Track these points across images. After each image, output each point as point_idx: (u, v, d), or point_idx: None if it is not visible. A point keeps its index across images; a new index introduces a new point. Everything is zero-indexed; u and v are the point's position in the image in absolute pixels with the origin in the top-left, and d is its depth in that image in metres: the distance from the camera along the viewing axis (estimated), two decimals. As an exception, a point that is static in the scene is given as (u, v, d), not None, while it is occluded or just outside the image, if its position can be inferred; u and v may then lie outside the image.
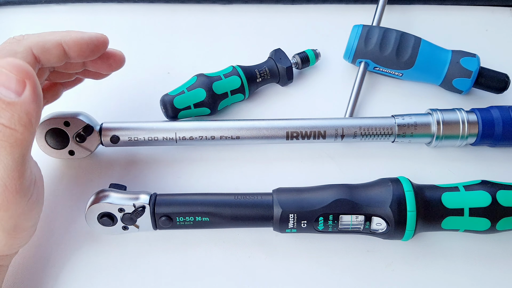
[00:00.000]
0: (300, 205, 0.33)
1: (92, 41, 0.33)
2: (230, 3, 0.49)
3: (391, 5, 0.48)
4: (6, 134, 0.25)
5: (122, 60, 0.36)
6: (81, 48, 0.32)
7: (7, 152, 0.26)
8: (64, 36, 0.32)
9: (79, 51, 0.32)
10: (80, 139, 0.37)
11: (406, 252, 0.35)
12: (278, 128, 0.38)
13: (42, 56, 0.31)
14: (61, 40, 0.31)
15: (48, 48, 0.31)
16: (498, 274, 0.35)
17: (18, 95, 0.25)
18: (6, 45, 0.30)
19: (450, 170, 0.39)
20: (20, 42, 0.30)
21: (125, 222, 0.33)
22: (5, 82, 0.25)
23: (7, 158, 0.26)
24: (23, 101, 0.25)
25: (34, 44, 0.30)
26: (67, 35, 0.32)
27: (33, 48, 0.30)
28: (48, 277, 0.34)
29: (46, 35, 0.31)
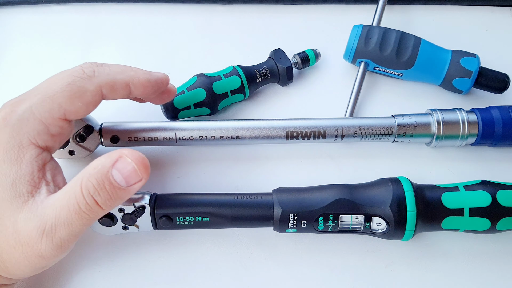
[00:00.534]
0: (300, 205, 0.33)
1: (157, 83, 0.34)
2: (230, 3, 0.49)
3: (391, 5, 0.48)
4: (93, 209, 0.27)
5: (173, 93, 0.37)
6: (146, 89, 0.33)
7: (82, 222, 0.27)
8: (133, 77, 0.32)
9: (144, 91, 0.33)
10: (80, 139, 0.37)
11: (406, 252, 0.35)
12: (278, 128, 0.38)
13: (109, 94, 0.32)
14: (129, 82, 0.32)
15: (116, 88, 0.32)
16: (498, 274, 0.35)
17: (127, 185, 0.28)
18: (77, 80, 0.30)
19: (450, 170, 0.39)
20: (91, 80, 0.31)
21: (125, 222, 0.33)
22: (128, 173, 0.27)
23: (77, 227, 0.27)
24: (127, 191, 0.28)
25: (104, 84, 0.31)
26: (135, 77, 0.33)
27: (103, 88, 0.31)
28: (48, 277, 0.34)
29: (117, 75, 0.32)
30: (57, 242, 0.27)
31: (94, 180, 0.27)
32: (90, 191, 0.27)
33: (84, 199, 0.27)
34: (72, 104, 0.30)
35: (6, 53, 0.46)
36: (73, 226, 0.27)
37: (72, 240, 0.28)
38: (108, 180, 0.27)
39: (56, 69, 0.45)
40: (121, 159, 0.27)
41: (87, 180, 0.27)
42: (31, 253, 0.27)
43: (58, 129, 0.30)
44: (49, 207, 0.27)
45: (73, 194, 0.27)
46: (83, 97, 0.30)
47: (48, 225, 0.27)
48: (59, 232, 0.27)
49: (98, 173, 0.27)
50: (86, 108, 0.31)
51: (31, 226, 0.27)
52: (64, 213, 0.27)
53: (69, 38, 0.47)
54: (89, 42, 0.47)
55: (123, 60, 0.46)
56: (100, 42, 0.47)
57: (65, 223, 0.27)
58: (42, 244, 0.27)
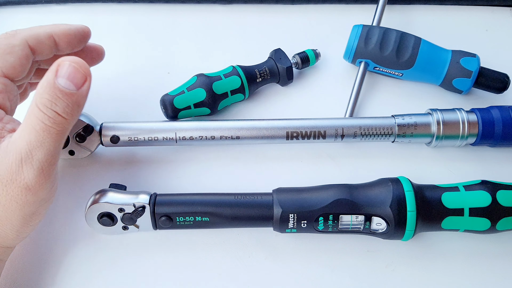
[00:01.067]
0: (300, 205, 0.33)
1: (78, 32, 0.35)
2: (230, 3, 0.49)
3: (391, 5, 0.48)
4: (57, 121, 0.28)
5: (103, 53, 0.39)
6: (69, 38, 0.35)
7: (53, 138, 0.28)
8: (54, 28, 0.34)
9: (68, 41, 0.35)
10: (80, 139, 0.37)
11: (406, 252, 0.35)
12: (278, 128, 0.38)
13: (37, 47, 0.33)
14: (51, 32, 0.34)
15: (41, 39, 0.33)
16: (498, 274, 0.35)
17: (77, 88, 0.28)
18: (2, 40, 0.32)
19: (450, 170, 0.39)
20: (15, 36, 0.32)
21: (125, 222, 0.33)
22: (71, 74, 0.28)
23: (50, 144, 0.28)
24: (79, 94, 0.28)
25: (29, 37, 0.33)
26: (56, 27, 0.34)
27: (28, 40, 0.33)
28: (47, 276, 0.34)
29: (37, 29, 0.34)
30: (37, 166, 0.28)
31: (45, 94, 0.27)
32: (47, 105, 0.27)
33: (46, 115, 0.27)
34: (5, 60, 0.31)
35: (6, 53, 0.46)
36: (46, 144, 0.28)
37: (51, 161, 0.28)
38: (57, 89, 0.27)
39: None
40: (60, 65, 0.28)
41: (39, 98, 0.27)
42: (17, 188, 0.28)
43: (1, 86, 0.31)
44: (17, 140, 0.28)
45: (34, 116, 0.27)
46: (12, 52, 0.32)
47: (23, 153, 0.27)
48: (36, 155, 0.27)
49: (46, 87, 0.27)
50: (20, 62, 0.32)
51: (8, 161, 0.27)
52: (33, 136, 0.27)
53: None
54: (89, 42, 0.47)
55: (123, 60, 0.46)
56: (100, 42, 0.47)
57: (37, 144, 0.27)
58: (24, 173, 0.27)
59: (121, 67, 0.43)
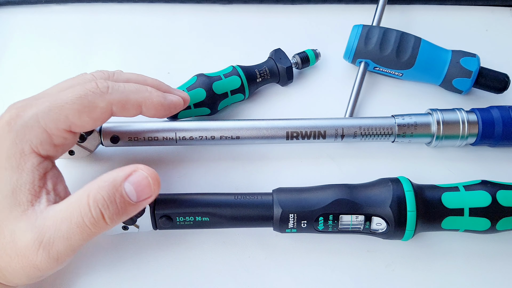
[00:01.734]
0: (300, 205, 0.33)
1: (170, 107, 0.33)
2: (230, 3, 0.49)
3: (391, 5, 0.48)
4: (98, 225, 0.26)
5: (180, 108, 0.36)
6: (157, 112, 0.32)
7: (83, 237, 0.27)
8: (146, 99, 0.32)
9: (155, 113, 0.33)
10: (80, 139, 0.37)
11: (406, 252, 0.35)
12: (278, 128, 0.38)
13: (118, 113, 0.31)
14: (142, 103, 0.32)
15: (127, 108, 0.31)
16: (498, 274, 0.35)
17: (138, 200, 0.27)
18: (89, 94, 0.29)
19: (450, 170, 0.39)
20: (103, 96, 0.30)
21: (125, 222, 0.33)
22: (140, 186, 0.27)
23: (77, 241, 0.27)
24: (135, 206, 0.27)
25: (116, 102, 0.30)
26: (149, 98, 0.32)
27: (114, 106, 0.30)
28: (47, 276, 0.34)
29: (130, 94, 0.31)
30: (53, 255, 0.26)
31: (104, 192, 0.26)
32: (98, 203, 0.26)
33: (90, 212, 0.26)
34: (80, 118, 0.29)
35: (6, 53, 0.46)
36: (72, 240, 0.26)
37: (69, 254, 0.27)
38: (119, 193, 0.26)
39: (56, 69, 0.45)
40: (136, 172, 0.27)
41: (96, 192, 0.26)
42: (27, 264, 0.27)
43: (61, 140, 0.30)
44: (49, 219, 0.26)
45: (77, 206, 0.26)
46: (92, 113, 0.29)
47: (46, 238, 0.26)
48: (57, 246, 0.26)
49: (109, 185, 0.26)
50: (93, 123, 0.30)
51: (28, 237, 0.26)
52: (65, 226, 0.26)
53: (69, 38, 0.47)
54: (89, 42, 0.47)
55: (123, 60, 0.46)
56: (100, 42, 0.47)
57: (64, 236, 0.26)
58: (38, 256, 0.26)
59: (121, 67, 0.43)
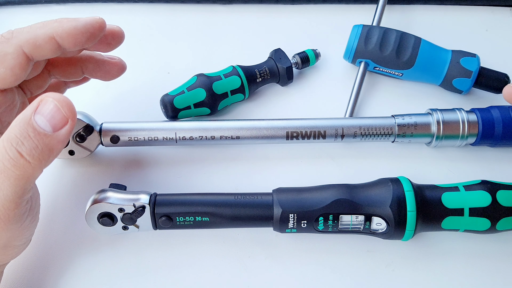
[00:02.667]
0: (300, 205, 0.33)
1: (87, 29, 0.29)
2: (230, 3, 0.49)
3: (391, 5, 0.48)
4: (18, 164, 0.24)
5: (120, 36, 0.33)
6: (76, 38, 0.29)
7: (10, 183, 0.25)
8: (56, 28, 0.29)
9: (74, 41, 0.29)
10: (80, 139, 0.37)
11: (406, 252, 0.35)
12: (278, 128, 0.38)
13: (34, 53, 0.29)
14: (53, 33, 0.29)
15: (40, 44, 0.28)
16: (498, 274, 0.35)
17: (53, 130, 0.25)
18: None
19: (450, 170, 0.39)
20: (9, 41, 0.28)
21: (125, 222, 0.33)
22: (50, 113, 0.25)
23: (7, 189, 0.25)
24: (53, 137, 0.25)
25: (25, 42, 0.28)
26: (59, 27, 0.29)
27: (23, 47, 0.28)
28: (47, 277, 0.34)
29: (37, 29, 0.29)
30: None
31: (16, 130, 0.24)
32: (12, 142, 0.24)
33: (7, 154, 0.24)
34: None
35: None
36: (4, 190, 0.25)
37: (9, 207, 0.25)
38: (31, 126, 0.24)
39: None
40: (43, 101, 0.25)
41: (8, 133, 0.24)
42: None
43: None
44: None
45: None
46: (4, 62, 0.27)
47: None
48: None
49: (20, 122, 0.24)
50: (12, 73, 0.28)
51: None
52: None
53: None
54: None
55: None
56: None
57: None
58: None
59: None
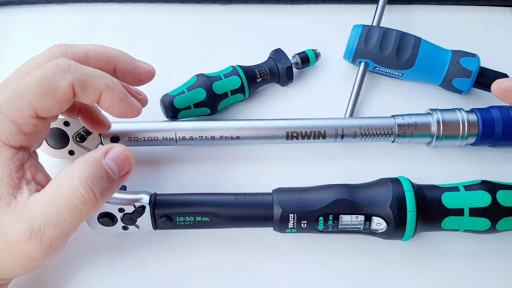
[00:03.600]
0: (300, 205, 0.33)
1: (128, 107, 0.30)
2: (230, 3, 0.49)
3: (391, 5, 0.48)
4: (87, 203, 0.26)
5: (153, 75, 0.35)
6: (115, 106, 0.29)
7: (73, 219, 0.26)
8: (108, 88, 0.28)
9: (111, 107, 0.29)
10: (80, 139, 0.37)
11: (406, 252, 0.35)
12: (278, 128, 0.38)
13: (79, 95, 0.28)
14: (103, 90, 0.28)
15: (88, 91, 0.28)
16: (498, 274, 0.35)
17: (119, 176, 0.27)
18: (49, 74, 0.27)
19: (450, 170, 0.39)
20: (64, 75, 0.27)
21: (125, 222, 0.33)
22: (120, 160, 0.27)
23: (67, 225, 0.26)
24: (117, 182, 0.27)
25: (78, 82, 0.27)
26: (110, 89, 0.28)
27: (75, 85, 0.27)
28: (48, 276, 0.34)
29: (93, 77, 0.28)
30: (46, 243, 0.26)
31: (89, 169, 0.26)
32: (87, 181, 0.26)
33: (79, 191, 0.26)
34: (43, 101, 0.27)
35: (6, 53, 0.46)
36: (63, 224, 0.26)
37: (62, 240, 0.27)
38: (103, 169, 0.26)
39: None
40: (112, 149, 0.27)
41: (80, 171, 0.26)
42: (20, 255, 0.26)
43: (31, 128, 0.28)
44: (35, 207, 0.26)
45: (63, 189, 0.26)
46: (55, 94, 0.27)
47: (35, 226, 0.26)
48: (48, 232, 0.26)
49: (91, 163, 0.26)
50: (59, 106, 0.28)
51: (17, 229, 0.26)
52: (54, 211, 0.26)
53: (69, 38, 0.47)
54: (89, 42, 0.47)
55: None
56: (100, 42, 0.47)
57: (55, 221, 0.26)
58: (31, 246, 0.26)
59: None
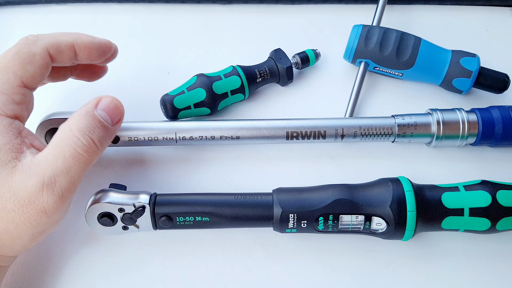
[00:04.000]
0: (300, 205, 0.33)
1: (101, 46, 0.35)
2: (230, 3, 0.49)
3: (391, 5, 0.48)
4: (89, 150, 0.29)
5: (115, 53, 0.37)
6: (90, 51, 0.34)
7: (80, 167, 0.29)
8: (76, 39, 0.33)
9: (88, 54, 0.34)
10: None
11: (406, 252, 0.35)
12: (278, 128, 0.38)
13: (56, 56, 0.33)
14: (73, 42, 0.33)
15: (62, 49, 0.33)
16: (498, 274, 0.35)
17: (112, 124, 0.30)
18: (23, 47, 0.31)
19: (450, 170, 0.39)
20: (36, 43, 0.32)
21: (125, 222, 0.33)
22: (110, 110, 0.30)
23: (76, 172, 0.28)
24: (112, 129, 0.30)
25: (50, 45, 0.32)
26: (79, 38, 0.34)
27: (49, 49, 0.32)
28: (48, 276, 0.34)
29: (60, 36, 0.33)
30: (58, 192, 0.28)
31: (84, 121, 0.29)
32: (85, 131, 0.28)
33: (80, 141, 0.28)
34: (25, 69, 0.31)
35: (6, 53, 0.46)
36: (71, 172, 0.28)
37: (72, 189, 0.29)
38: (96, 118, 0.29)
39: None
40: (102, 100, 0.30)
41: (77, 123, 0.28)
42: (34, 211, 0.28)
43: (21, 97, 0.31)
44: (42, 162, 0.28)
45: (65, 141, 0.28)
46: (33, 62, 0.31)
47: (46, 178, 0.27)
48: (59, 181, 0.28)
49: (85, 115, 0.29)
50: (40, 71, 0.31)
51: (29, 184, 0.27)
52: (61, 161, 0.28)
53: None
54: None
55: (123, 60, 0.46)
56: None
57: (64, 170, 0.28)
58: (44, 197, 0.27)
59: (121, 67, 0.43)
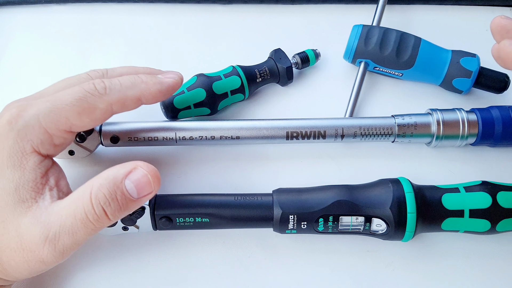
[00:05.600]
0: (300, 206, 0.33)
1: (168, 91, 0.33)
2: (230, 3, 0.49)
3: (391, 5, 0.48)
4: (100, 221, 0.27)
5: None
6: (157, 99, 0.33)
7: (85, 232, 0.27)
8: (144, 91, 0.32)
9: (155, 101, 0.33)
10: (80, 139, 0.37)
11: (406, 253, 0.35)
12: (278, 128, 0.38)
13: (118, 110, 0.32)
14: (140, 96, 0.32)
15: (127, 104, 0.32)
16: (498, 274, 0.35)
17: (138, 197, 0.28)
18: (89, 96, 0.30)
19: (450, 170, 0.39)
20: (102, 97, 0.30)
21: (125, 223, 0.33)
22: (141, 184, 0.28)
23: (81, 236, 0.27)
24: (136, 202, 0.28)
25: (115, 102, 0.31)
26: (146, 90, 0.32)
27: (113, 106, 0.31)
28: (47, 276, 0.34)
29: (128, 91, 0.31)
30: (59, 250, 0.27)
31: (105, 189, 0.27)
32: (100, 201, 0.27)
33: (93, 209, 0.27)
34: (80, 119, 0.30)
35: (6, 53, 0.46)
36: (77, 235, 0.27)
37: (74, 248, 0.28)
38: (120, 190, 0.27)
39: (56, 69, 0.45)
40: (136, 170, 0.28)
41: (97, 190, 0.27)
42: (32, 258, 0.27)
43: (61, 140, 0.30)
44: (53, 214, 0.27)
45: (80, 203, 0.27)
46: (92, 114, 0.30)
47: (52, 232, 0.27)
48: (63, 240, 0.27)
49: (110, 183, 0.27)
50: (93, 123, 0.31)
51: (34, 232, 0.27)
52: (70, 221, 0.27)
53: (69, 38, 0.47)
54: (89, 42, 0.47)
55: (123, 60, 0.46)
56: (100, 42, 0.47)
57: (70, 231, 0.27)
58: (45, 251, 0.27)
59: (121, 67, 0.43)
